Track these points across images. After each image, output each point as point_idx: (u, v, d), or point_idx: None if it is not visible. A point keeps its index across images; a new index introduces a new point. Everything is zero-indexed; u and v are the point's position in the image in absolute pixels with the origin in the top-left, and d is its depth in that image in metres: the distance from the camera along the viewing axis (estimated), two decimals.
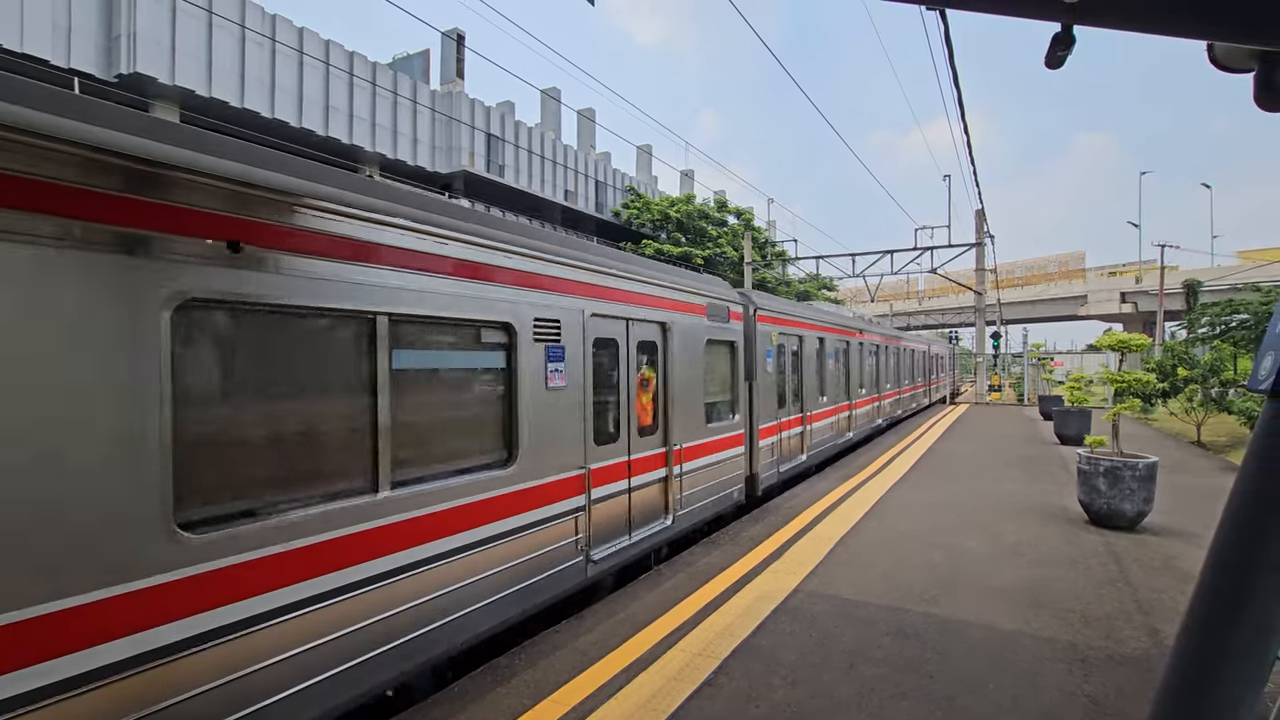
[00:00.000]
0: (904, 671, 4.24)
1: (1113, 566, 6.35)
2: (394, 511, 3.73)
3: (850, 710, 3.79)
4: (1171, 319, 44.47)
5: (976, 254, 29.35)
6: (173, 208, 2.79)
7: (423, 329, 4.10)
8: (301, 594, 3.21)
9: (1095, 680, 4.15)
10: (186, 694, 2.74)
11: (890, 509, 8.76)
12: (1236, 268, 45.16)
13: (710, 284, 8.25)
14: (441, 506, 4.04)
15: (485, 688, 4.04)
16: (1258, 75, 0.98)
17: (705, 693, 3.98)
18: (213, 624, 2.84)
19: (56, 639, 2.37)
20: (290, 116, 23.53)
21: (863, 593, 5.63)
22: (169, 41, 20.24)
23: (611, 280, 5.89)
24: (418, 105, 27.86)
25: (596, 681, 4.11)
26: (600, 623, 5.02)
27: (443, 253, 4.15)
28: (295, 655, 3.17)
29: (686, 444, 7.14)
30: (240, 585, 2.96)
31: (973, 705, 3.85)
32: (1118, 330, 9.26)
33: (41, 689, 2.33)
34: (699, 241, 37.85)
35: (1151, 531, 7.63)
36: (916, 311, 62.71)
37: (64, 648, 2.39)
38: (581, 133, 40.30)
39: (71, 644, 2.41)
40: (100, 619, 2.48)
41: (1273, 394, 0.80)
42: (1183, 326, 33.66)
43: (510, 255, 4.70)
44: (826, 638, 4.74)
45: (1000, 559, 6.56)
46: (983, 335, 31.44)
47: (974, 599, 5.49)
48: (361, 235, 3.61)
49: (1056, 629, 4.90)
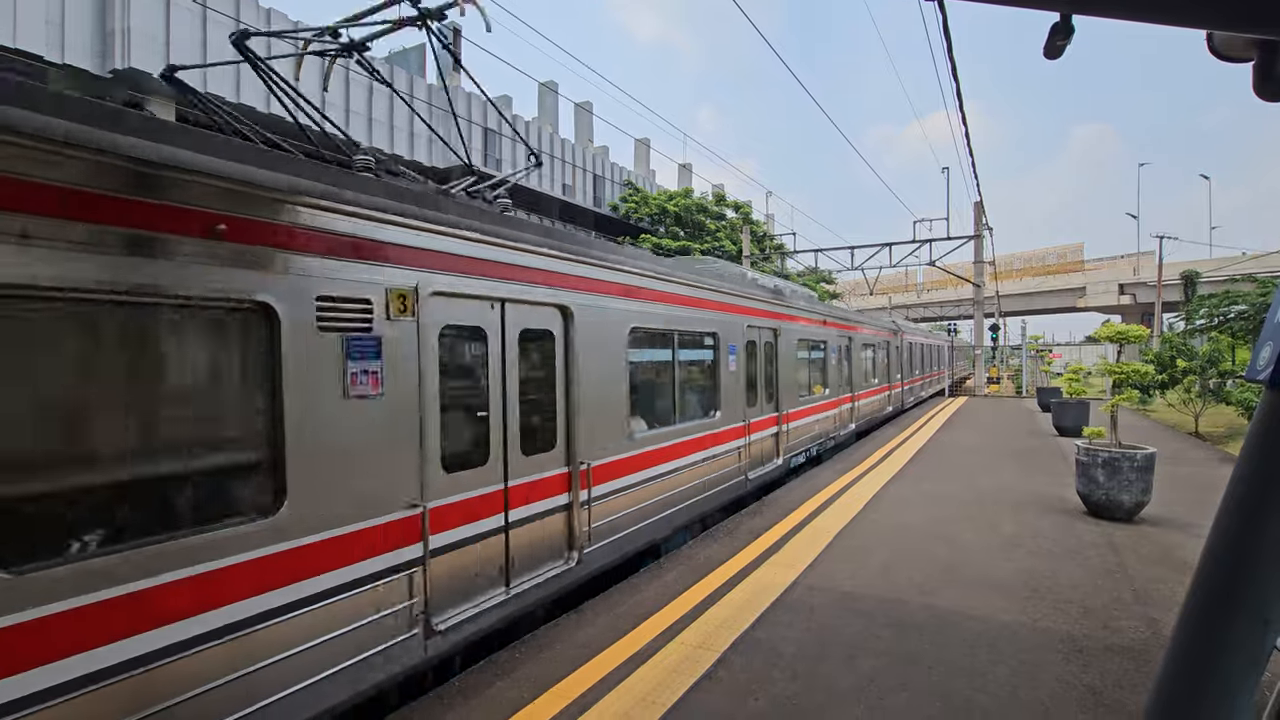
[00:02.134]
0: (903, 663, 4.26)
1: (1111, 557, 6.37)
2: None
3: (850, 702, 3.81)
4: (1170, 310, 44.53)
5: (975, 246, 29.33)
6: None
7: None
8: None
9: (1093, 670, 4.17)
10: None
11: (889, 502, 8.78)
12: (1234, 259, 45.17)
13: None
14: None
15: (486, 682, 4.06)
16: (1257, 64, 0.98)
17: (705, 685, 4.00)
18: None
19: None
20: (285, 112, 23.44)
21: (862, 585, 5.65)
22: (163, 37, 20.14)
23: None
24: (414, 100, 27.75)
25: (597, 674, 4.13)
26: (600, 616, 5.04)
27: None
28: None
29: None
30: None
31: (972, 696, 3.87)
32: (1116, 322, 9.28)
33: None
34: (697, 235, 37.78)
35: (1150, 522, 7.66)
36: (915, 304, 62.69)
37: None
38: (579, 126, 40.15)
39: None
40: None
41: (1271, 384, 0.80)
42: (1180, 318, 33.69)
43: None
44: (826, 630, 4.76)
45: (999, 550, 6.58)
46: (981, 328, 31.46)
47: (973, 591, 5.51)
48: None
49: (1055, 620, 4.93)
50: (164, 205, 2.84)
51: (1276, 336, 0.82)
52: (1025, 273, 60.90)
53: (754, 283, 10.12)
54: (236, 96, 22.53)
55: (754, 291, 9.56)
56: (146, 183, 2.78)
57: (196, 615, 2.88)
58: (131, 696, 2.66)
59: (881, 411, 18.68)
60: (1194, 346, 20.36)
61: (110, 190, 2.67)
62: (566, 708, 3.76)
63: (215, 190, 3.00)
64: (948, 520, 7.77)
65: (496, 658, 4.38)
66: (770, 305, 10.12)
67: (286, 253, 3.30)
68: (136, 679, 2.67)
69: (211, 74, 21.71)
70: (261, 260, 3.19)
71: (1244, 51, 0.98)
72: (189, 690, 2.84)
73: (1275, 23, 0.76)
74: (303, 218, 3.39)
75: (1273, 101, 0.98)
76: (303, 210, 3.38)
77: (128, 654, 2.65)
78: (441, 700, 3.86)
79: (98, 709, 2.56)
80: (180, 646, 2.82)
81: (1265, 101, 1.01)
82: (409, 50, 31.19)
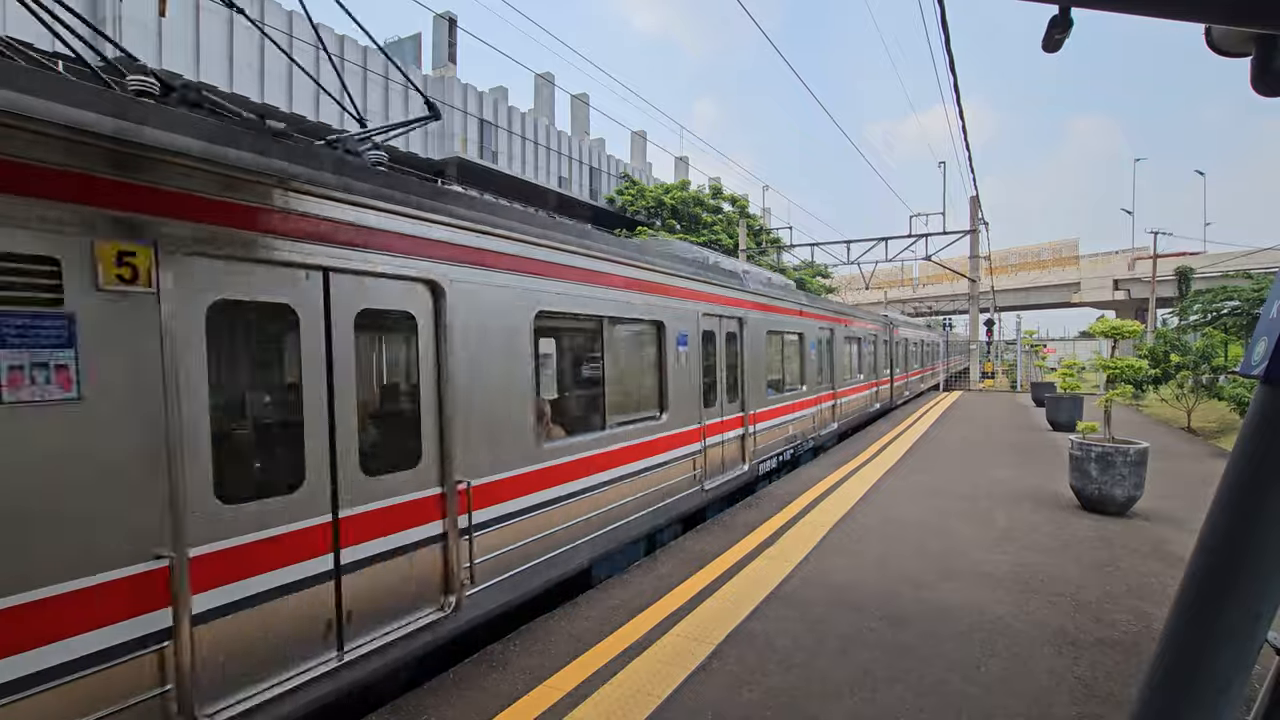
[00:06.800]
0: (897, 656, 4.29)
1: (1103, 551, 6.42)
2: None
3: (843, 694, 3.83)
4: (1164, 306, 44.75)
5: (971, 240, 29.37)
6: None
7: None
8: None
9: (1085, 663, 4.20)
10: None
11: (883, 496, 8.82)
12: (1228, 255, 45.39)
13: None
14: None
15: (480, 674, 4.07)
16: (1255, 59, 0.97)
17: (699, 677, 4.02)
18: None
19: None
20: (280, 101, 23.27)
21: (856, 578, 5.68)
22: (155, 24, 19.94)
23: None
24: (409, 90, 27.56)
25: (591, 667, 4.14)
26: (595, 609, 5.05)
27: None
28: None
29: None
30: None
31: (965, 688, 3.89)
32: (1111, 317, 9.32)
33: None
34: (694, 229, 37.75)
35: (1142, 516, 7.71)
36: (911, 299, 62.87)
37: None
38: (576, 118, 39.99)
39: None
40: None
41: (1265, 379, 0.80)
42: (1174, 313, 33.90)
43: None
44: (820, 623, 4.78)
45: (992, 544, 6.62)
46: (976, 322, 31.56)
47: (966, 584, 5.54)
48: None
49: (1048, 613, 4.96)
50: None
51: (1271, 331, 0.82)
52: (1021, 267, 61.09)
53: (715, 266, 8.80)
54: (229, 85, 22.34)
55: (714, 276, 8.41)
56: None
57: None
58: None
59: (869, 409, 17.73)
60: (1187, 342, 20.48)
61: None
62: (560, 700, 3.77)
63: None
64: (942, 514, 7.81)
65: (490, 650, 4.40)
66: (735, 292, 8.97)
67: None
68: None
69: (204, 62, 21.52)
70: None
71: (1242, 46, 0.97)
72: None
73: (1274, 17, 0.75)
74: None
75: (1271, 96, 0.98)
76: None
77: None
78: (435, 694, 3.87)
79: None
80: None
81: (1262, 96, 1.01)
82: (404, 40, 30.97)
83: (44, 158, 2.49)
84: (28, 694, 2.41)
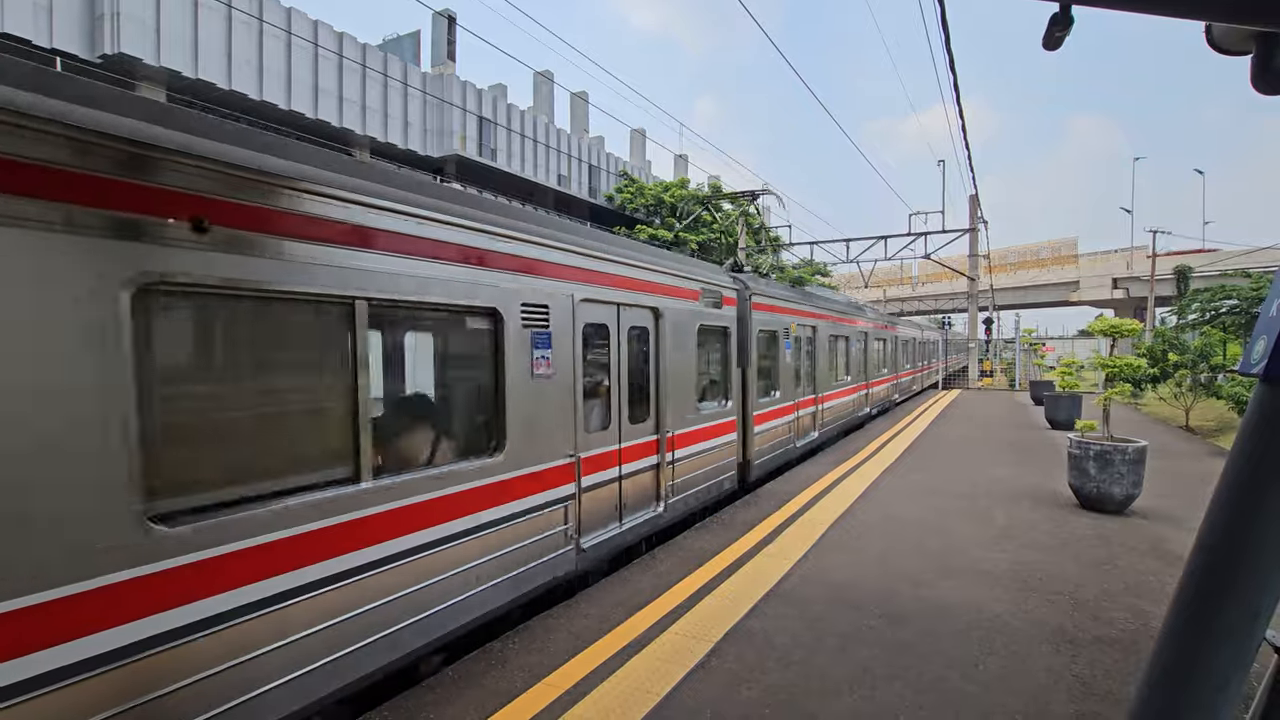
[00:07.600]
0: (895, 653, 4.29)
1: (1102, 549, 6.43)
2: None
3: (842, 691, 3.84)
4: (1163, 304, 44.76)
5: (970, 239, 29.37)
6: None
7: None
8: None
9: (1083, 661, 4.21)
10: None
11: (882, 494, 8.83)
12: (1227, 253, 45.42)
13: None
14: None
15: (480, 671, 4.07)
16: (1255, 57, 0.97)
17: (698, 675, 4.03)
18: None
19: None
20: (279, 99, 23.22)
21: (855, 576, 5.69)
22: (153, 21, 19.89)
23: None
24: (408, 88, 27.51)
25: (591, 664, 4.15)
26: (594, 607, 5.05)
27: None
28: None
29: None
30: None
31: (963, 686, 3.90)
32: (1109, 316, 9.32)
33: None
34: (693, 227, 37.70)
35: (1140, 515, 7.72)
36: (910, 297, 62.91)
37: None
38: (575, 116, 39.93)
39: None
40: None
41: (1265, 377, 0.80)
42: (1173, 312, 33.92)
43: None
44: (819, 621, 4.79)
45: (991, 543, 6.63)
46: (975, 321, 31.57)
47: (965, 582, 5.55)
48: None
49: (1046, 611, 4.97)
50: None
51: (1271, 330, 0.82)
52: (1020, 266, 61.10)
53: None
54: (228, 83, 22.30)
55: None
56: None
57: None
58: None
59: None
60: (1186, 341, 20.50)
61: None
62: (560, 697, 3.77)
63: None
64: (940, 512, 7.82)
65: (490, 648, 4.40)
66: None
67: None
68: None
69: (203, 59, 21.49)
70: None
71: (1242, 44, 0.97)
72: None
73: (1274, 15, 0.75)
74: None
75: (1271, 94, 0.98)
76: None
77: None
78: (433, 690, 3.87)
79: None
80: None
81: (1263, 94, 1.01)
82: (403, 38, 30.90)
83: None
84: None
